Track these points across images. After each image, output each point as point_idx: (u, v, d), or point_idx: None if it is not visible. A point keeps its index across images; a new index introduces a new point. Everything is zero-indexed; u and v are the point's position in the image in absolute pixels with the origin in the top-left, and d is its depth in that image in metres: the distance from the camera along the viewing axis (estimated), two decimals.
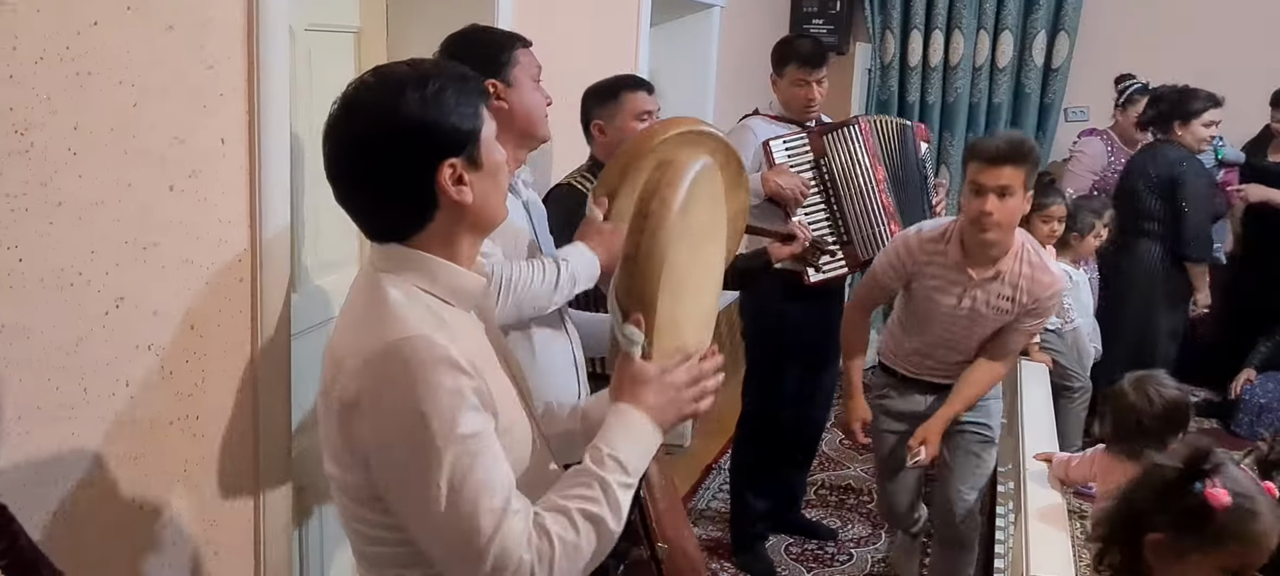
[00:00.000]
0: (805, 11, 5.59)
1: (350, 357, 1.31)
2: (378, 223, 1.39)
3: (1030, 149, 2.72)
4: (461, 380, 1.28)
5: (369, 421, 1.28)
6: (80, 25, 1.55)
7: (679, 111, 4.34)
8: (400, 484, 1.30)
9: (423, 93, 1.32)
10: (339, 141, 1.35)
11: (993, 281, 2.84)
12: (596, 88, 2.86)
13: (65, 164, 1.56)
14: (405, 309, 1.32)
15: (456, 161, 1.34)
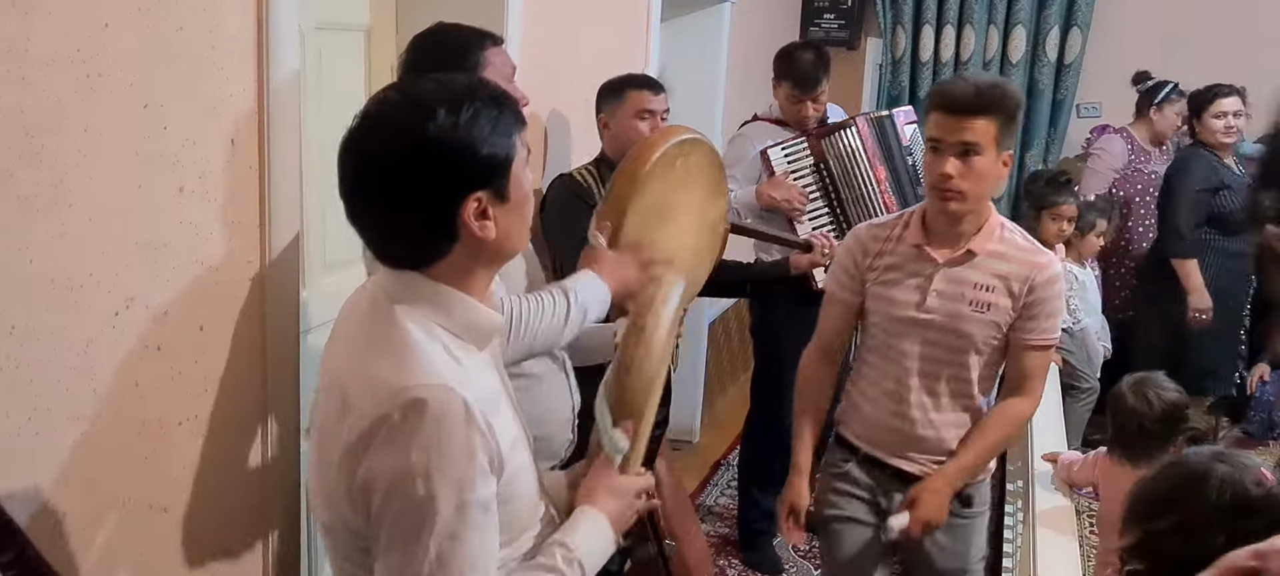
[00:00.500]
0: (816, 7, 5.58)
1: (364, 395, 1.24)
2: (390, 248, 1.31)
3: (1003, 96, 2.13)
4: (477, 441, 1.23)
5: (374, 465, 1.22)
6: (91, 28, 1.56)
7: (688, 108, 4.35)
8: (390, 534, 1.24)
9: (456, 118, 1.23)
10: (358, 159, 1.26)
11: (963, 265, 2.22)
12: (606, 84, 2.88)
13: (76, 166, 1.57)
14: (426, 350, 1.25)
15: (483, 195, 1.26)
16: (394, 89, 1.32)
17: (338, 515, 1.31)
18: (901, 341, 2.28)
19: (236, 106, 1.86)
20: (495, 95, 1.30)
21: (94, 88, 1.58)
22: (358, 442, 1.23)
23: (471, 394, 1.24)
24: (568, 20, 3.11)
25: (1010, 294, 2.20)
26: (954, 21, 5.50)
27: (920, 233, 2.26)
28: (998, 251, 2.22)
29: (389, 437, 1.21)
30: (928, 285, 2.24)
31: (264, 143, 1.93)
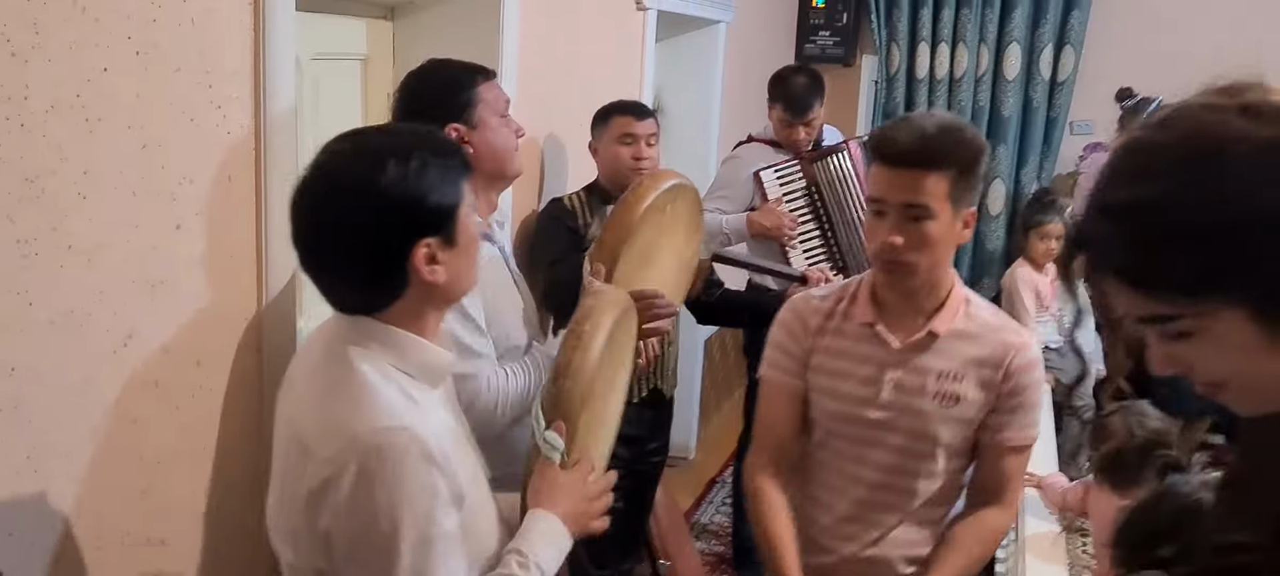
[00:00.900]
0: (811, 24, 5.61)
1: (324, 441, 1.27)
2: (344, 295, 1.35)
3: (958, 143, 1.72)
4: (437, 476, 1.27)
5: (340, 508, 1.26)
6: (90, 72, 1.58)
7: (683, 128, 4.39)
8: (361, 574, 1.28)
9: (406, 168, 1.27)
10: (310, 209, 1.31)
11: (924, 350, 1.83)
12: (597, 110, 2.92)
13: (75, 208, 1.59)
14: (378, 391, 1.28)
15: (432, 242, 1.31)
16: (344, 140, 1.36)
17: (302, 557, 1.34)
18: (851, 446, 1.88)
19: (233, 142, 1.88)
20: (442, 145, 1.36)
21: (93, 131, 1.60)
22: (320, 488, 1.26)
23: (429, 431, 1.27)
24: (563, 45, 3.14)
25: (982, 383, 1.81)
26: (948, 39, 5.53)
27: (870, 308, 1.86)
28: (964, 331, 1.83)
29: (351, 483, 1.24)
30: (881, 376, 1.84)
31: (261, 177, 1.96)
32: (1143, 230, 0.85)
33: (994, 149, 5.55)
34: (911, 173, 1.70)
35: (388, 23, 2.70)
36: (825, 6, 5.58)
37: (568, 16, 3.16)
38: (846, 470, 1.89)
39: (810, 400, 1.91)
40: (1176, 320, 0.87)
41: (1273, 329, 0.84)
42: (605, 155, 2.84)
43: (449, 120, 2.04)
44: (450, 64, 2.14)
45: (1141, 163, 0.88)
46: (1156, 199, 0.84)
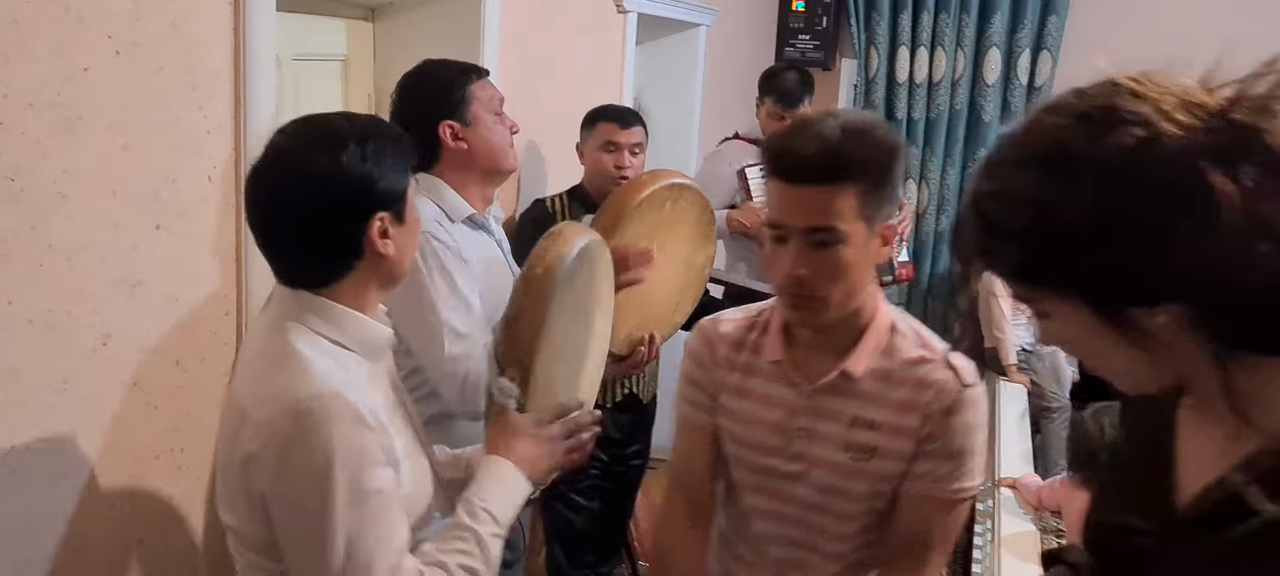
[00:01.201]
0: (791, 28, 5.63)
1: (256, 409, 1.31)
2: (298, 269, 1.39)
3: (867, 148, 1.41)
4: (368, 436, 1.31)
5: (274, 474, 1.29)
6: (70, 71, 1.58)
7: (663, 130, 4.40)
8: (300, 536, 1.32)
9: (364, 149, 1.35)
10: (272, 187, 1.36)
11: (839, 394, 1.53)
12: (589, 112, 2.93)
13: (54, 207, 1.59)
14: (312, 362, 1.32)
15: (386, 216, 1.38)
16: (301, 124, 1.41)
17: (242, 519, 1.38)
18: (764, 499, 1.60)
19: (214, 142, 1.89)
20: (395, 134, 1.43)
21: (73, 130, 1.60)
22: (256, 453, 1.31)
23: (360, 397, 1.32)
24: (544, 47, 3.15)
25: (903, 431, 1.51)
26: (927, 43, 5.56)
27: (780, 344, 1.58)
28: (884, 369, 1.52)
29: (284, 447, 1.28)
30: (790, 422, 1.55)
31: (241, 177, 1.95)
32: (990, 222, 0.90)
33: (975, 153, 5.58)
34: (814, 190, 1.39)
35: (368, 24, 2.71)
36: (805, 10, 5.59)
37: (548, 18, 3.16)
38: (761, 526, 1.62)
39: (720, 441, 1.65)
40: (1034, 301, 0.93)
41: (1114, 323, 0.87)
42: (589, 160, 2.85)
43: (443, 117, 2.08)
44: (446, 63, 2.17)
45: (1000, 156, 0.92)
46: (999, 193, 0.90)
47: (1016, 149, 0.90)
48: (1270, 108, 0.83)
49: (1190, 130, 0.82)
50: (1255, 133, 0.81)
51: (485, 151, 2.12)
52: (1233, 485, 0.88)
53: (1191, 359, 0.88)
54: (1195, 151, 0.81)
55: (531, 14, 3.03)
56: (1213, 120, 0.83)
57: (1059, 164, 0.85)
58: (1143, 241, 0.82)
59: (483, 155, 2.12)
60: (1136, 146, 0.82)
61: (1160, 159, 0.82)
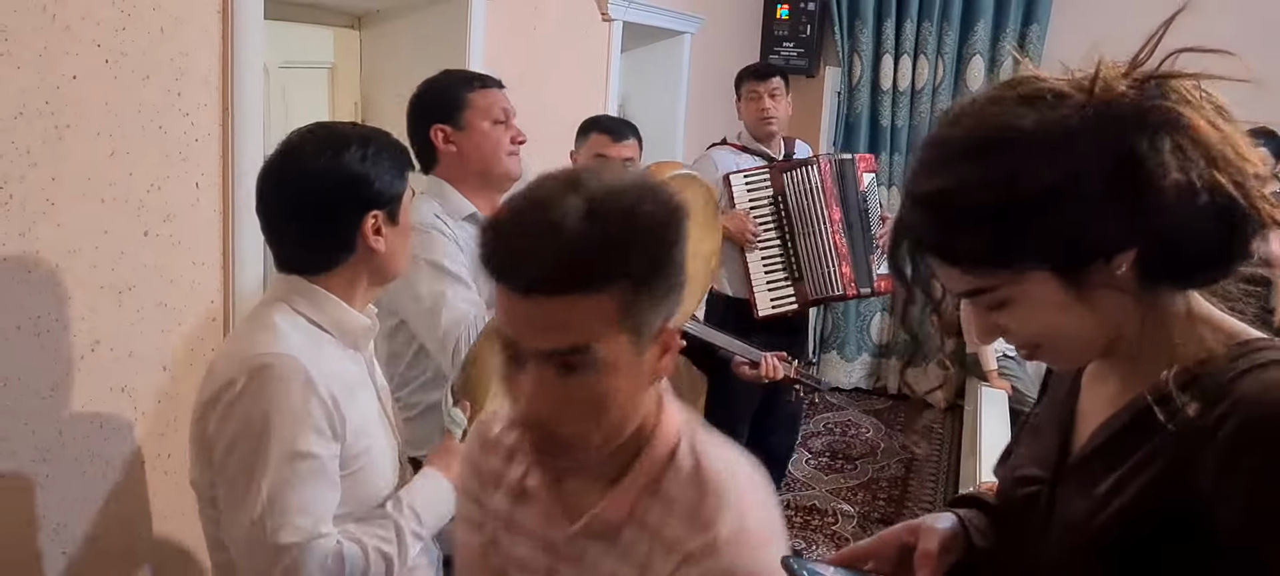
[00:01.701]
0: (776, 36, 5.67)
1: (221, 365, 1.44)
2: (295, 255, 1.52)
3: (623, 235, 0.97)
4: (313, 403, 1.41)
5: (220, 418, 1.41)
6: (59, 80, 1.60)
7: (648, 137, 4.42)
8: (229, 482, 1.42)
9: (364, 151, 1.49)
10: (280, 178, 1.49)
11: (598, 539, 1.11)
12: (584, 121, 2.95)
13: (43, 214, 1.60)
14: (282, 331, 1.45)
15: (380, 215, 1.50)
16: (312, 127, 1.54)
17: (199, 472, 1.49)
18: None
19: (201, 149, 1.90)
20: (393, 142, 1.56)
21: (62, 137, 1.61)
22: (210, 400, 1.42)
23: (318, 370, 1.43)
24: (530, 54, 3.17)
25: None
26: (910, 51, 5.60)
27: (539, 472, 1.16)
28: (650, 521, 1.09)
29: (235, 396, 1.40)
30: (555, 568, 1.15)
31: (228, 184, 1.97)
32: (947, 214, 0.94)
33: None
34: (550, 300, 0.96)
35: (355, 32, 2.72)
36: (789, 18, 5.64)
37: (534, 26, 3.19)
38: None
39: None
40: (993, 291, 0.97)
41: (1077, 285, 0.94)
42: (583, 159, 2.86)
43: (435, 121, 2.16)
44: (454, 73, 2.28)
45: (939, 155, 0.96)
46: (954, 186, 0.93)
47: (960, 143, 0.95)
48: (1172, 73, 0.96)
49: (1123, 95, 0.92)
50: (1168, 77, 0.94)
51: (475, 156, 2.17)
52: (1139, 404, 0.99)
53: (1128, 308, 0.97)
54: (1131, 110, 0.91)
55: (517, 21, 3.05)
56: (1135, 88, 0.94)
57: (1010, 143, 0.92)
58: (1109, 193, 0.89)
59: (473, 159, 2.17)
60: (1086, 108, 0.91)
61: (1104, 120, 0.91)
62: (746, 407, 3.64)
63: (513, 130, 2.25)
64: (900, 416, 5.72)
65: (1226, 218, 0.90)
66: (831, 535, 4.28)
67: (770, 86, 3.56)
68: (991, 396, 4.06)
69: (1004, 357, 4.25)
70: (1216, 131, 0.91)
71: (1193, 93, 0.94)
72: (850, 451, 5.15)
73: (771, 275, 3.42)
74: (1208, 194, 0.89)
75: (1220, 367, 0.93)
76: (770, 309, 3.44)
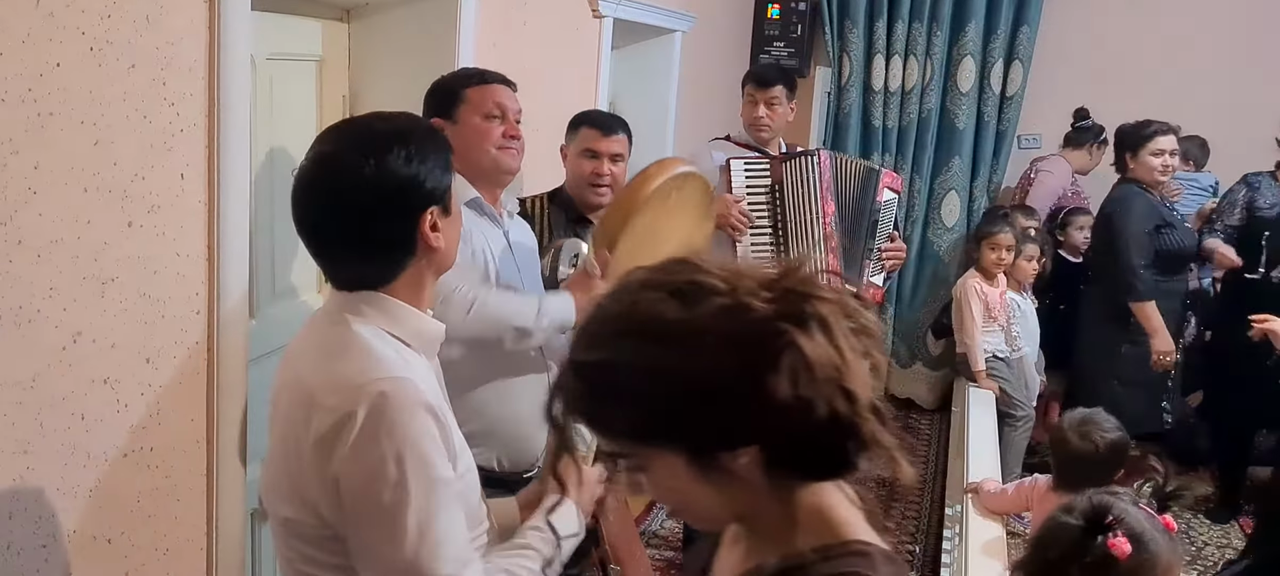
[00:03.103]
0: (767, 35, 5.67)
1: (328, 394, 1.35)
2: (354, 272, 1.45)
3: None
4: (434, 426, 1.36)
5: (348, 457, 1.33)
6: (42, 67, 1.58)
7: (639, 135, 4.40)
8: (370, 521, 1.35)
9: (407, 150, 1.41)
10: (323, 194, 1.41)
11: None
12: (576, 115, 2.92)
13: (25, 203, 1.58)
14: (380, 350, 1.39)
15: (435, 210, 1.44)
16: (342, 129, 1.47)
17: (306, 508, 1.39)
18: None
19: (187, 140, 1.88)
20: (430, 129, 1.52)
21: (44, 126, 1.59)
22: (329, 433, 1.34)
23: (425, 387, 1.38)
24: (520, 50, 3.16)
25: None
26: (901, 52, 5.61)
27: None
28: None
29: (360, 428, 1.32)
30: None
31: (214, 175, 1.95)
32: (596, 387, 1.00)
33: (947, 161, 5.64)
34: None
35: (344, 25, 2.71)
36: (780, 18, 5.64)
37: (525, 22, 3.17)
38: None
39: None
40: (630, 457, 1.03)
41: (703, 469, 0.98)
42: (570, 164, 2.85)
43: (435, 115, 2.23)
44: (464, 70, 2.34)
45: (596, 330, 1.01)
46: (603, 362, 0.99)
47: (617, 322, 1.00)
48: (810, 279, 0.97)
49: (763, 299, 0.95)
50: (806, 298, 0.95)
51: (462, 149, 2.14)
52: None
53: (753, 492, 1.00)
54: (770, 315, 0.94)
55: (508, 17, 3.04)
56: (775, 291, 0.96)
57: (658, 332, 0.96)
58: (733, 394, 0.94)
59: (460, 152, 2.14)
60: (723, 313, 0.95)
61: (744, 323, 0.94)
62: None
63: (506, 125, 2.28)
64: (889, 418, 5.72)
65: (843, 431, 0.95)
66: None
67: (768, 94, 3.53)
68: (979, 396, 4.06)
69: (993, 359, 4.25)
70: (833, 356, 0.93)
71: (830, 310, 0.96)
72: None
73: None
74: (826, 408, 0.93)
75: (804, 565, 0.99)
76: None
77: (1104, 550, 1.72)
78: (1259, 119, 5.14)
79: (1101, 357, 4.28)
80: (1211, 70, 5.35)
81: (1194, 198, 4.99)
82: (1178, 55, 5.40)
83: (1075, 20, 5.58)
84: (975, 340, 4.21)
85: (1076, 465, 2.70)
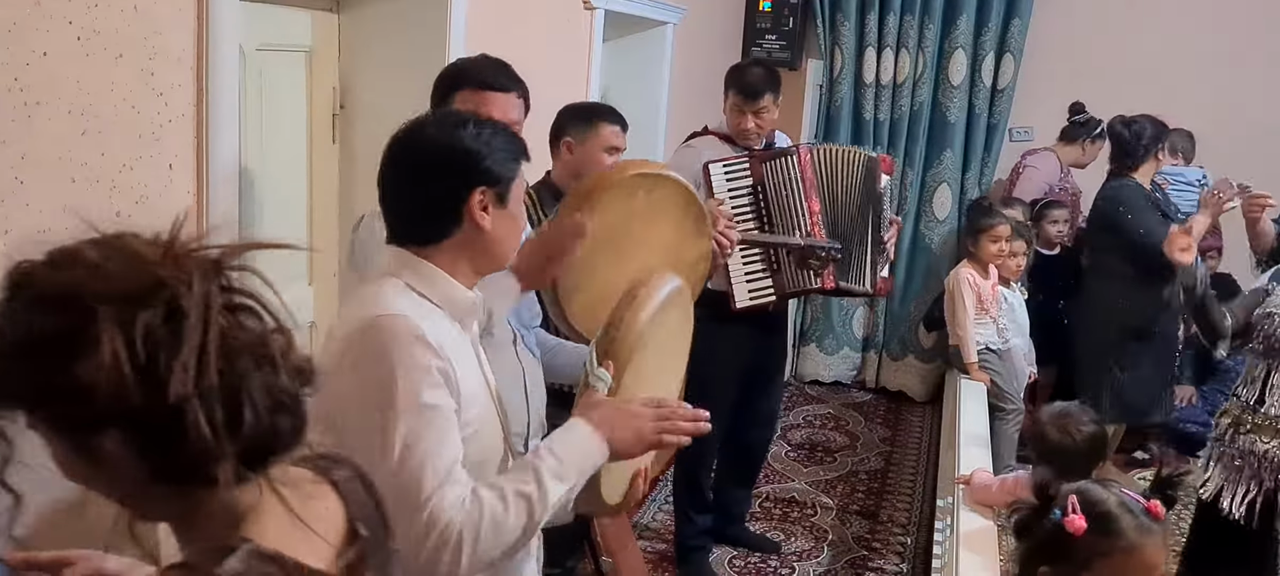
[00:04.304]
0: (758, 28, 5.66)
1: (336, 330, 1.50)
2: (406, 223, 1.56)
3: None
4: (429, 357, 1.44)
5: (344, 382, 1.44)
6: (29, 57, 1.57)
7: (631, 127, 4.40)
8: (361, 439, 1.42)
9: (480, 130, 1.54)
10: (398, 149, 1.55)
11: None
12: (575, 107, 2.89)
13: (12, 193, 1.58)
14: (392, 296, 1.49)
15: (488, 192, 1.53)
16: (436, 110, 1.65)
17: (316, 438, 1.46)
18: None
19: (175, 131, 1.87)
20: (510, 132, 1.61)
21: (32, 115, 1.59)
22: (329, 363, 1.46)
23: (427, 327, 1.46)
24: (511, 42, 3.15)
25: None
26: (892, 45, 5.61)
27: None
28: None
29: (354, 356, 1.45)
30: None
31: (202, 165, 1.95)
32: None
33: (939, 154, 5.64)
34: None
35: (333, 15, 2.69)
36: (771, 10, 5.63)
37: (516, 13, 3.16)
38: None
39: None
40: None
41: (70, 442, 0.93)
42: (584, 156, 2.79)
43: (438, 105, 2.17)
44: (483, 62, 2.30)
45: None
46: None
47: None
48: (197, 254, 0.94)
49: (125, 277, 0.91)
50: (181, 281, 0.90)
51: None
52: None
53: (132, 482, 0.93)
54: (133, 293, 0.89)
55: (498, 8, 3.03)
56: (152, 267, 0.93)
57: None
58: (57, 371, 0.87)
59: None
60: (80, 275, 0.91)
61: (67, 295, 0.89)
62: (723, 402, 3.61)
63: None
64: (881, 410, 5.74)
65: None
66: (810, 527, 4.29)
67: (756, 106, 3.41)
68: (971, 388, 4.07)
69: (985, 351, 4.26)
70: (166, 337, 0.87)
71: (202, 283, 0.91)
72: (830, 444, 5.16)
73: (749, 267, 3.38)
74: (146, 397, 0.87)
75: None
76: (748, 301, 3.40)
77: (1057, 527, 1.71)
78: (1246, 113, 5.16)
79: (1103, 348, 4.30)
80: (1199, 63, 5.37)
81: (1179, 191, 4.99)
82: (1167, 48, 5.41)
83: (1066, 13, 5.59)
84: (968, 332, 4.22)
85: (1056, 458, 2.71)
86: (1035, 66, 5.54)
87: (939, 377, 5.58)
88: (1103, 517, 1.72)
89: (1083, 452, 2.68)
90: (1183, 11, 5.45)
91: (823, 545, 4.15)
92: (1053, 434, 2.73)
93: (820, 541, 4.18)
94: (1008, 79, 5.54)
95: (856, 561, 4.04)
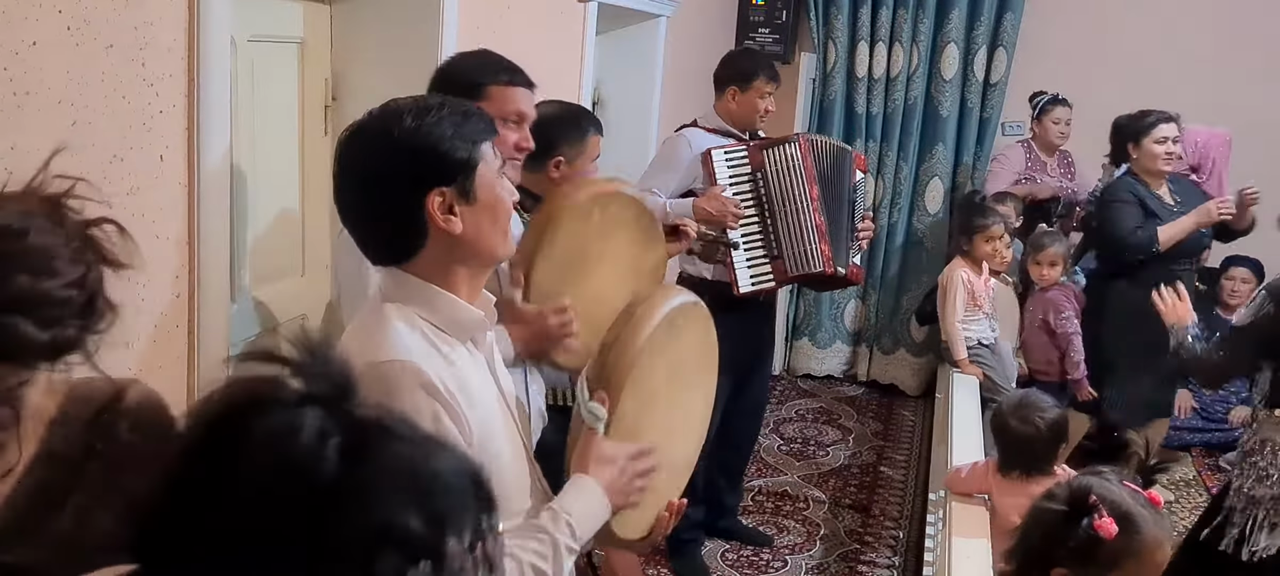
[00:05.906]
0: (751, 21, 5.65)
1: None
2: (371, 245, 1.44)
3: None
4: (431, 407, 1.34)
5: None
6: (18, 46, 1.55)
7: (623, 121, 4.41)
8: None
9: (420, 121, 1.35)
10: (340, 164, 1.41)
11: None
12: (562, 118, 2.66)
13: (1, 184, 1.56)
14: (403, 335, 1.38)
15: (447, 191, 1.37)
16: (383, 103, 1.44)
17: None
18: None
19: (166, 121, 1.86)
20: (462, 106, 1.43)
21: (21, 105, 1.57)
22: None
23: (437, 372, 1.36)
24: (503, 34, 3.14)
25: None
26: (886, 38, 5.61)
27: None
28: None
29: None
30: None
31: (193, 157, 1.93)
32: None
33: (932, 148, 5.65)
34: None
35: (326, 7, 2.68)
36: (765, 4, 5.63)
37: (508, 5, 3.15)
38: None
39: None
40: None
41: None
42: (571, 174, 2.63)
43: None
44: (485, 57, 2.27)
45: None
46: None
47: None
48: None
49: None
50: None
51: None
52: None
53: None
54: None
55: (491, 1, 3.02)
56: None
57: None
58: None
59: None
60: None
61: None
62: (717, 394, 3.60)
63: (521, 134, 2.18)
64: (873, 404, 5.75)
65: None
66: (803, 520, 4.29)
67: (776, 87, 3.61)
68: (963, 383, 4.07)
69: (978, 345, 4.26)
70: None
71: None
72: (822, 438, 5.17)
73: (750, 252, 3.41)
74: None
75: None
76: (750, 286, 3.42)
77: (1090, 532, 1.72)
78: (1241, 108, 5.16)
79: (1106, 346, 4.33)
80: (1193, 57, 5.37)
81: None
82: (1161, 42, 5.42)
83: (1059, 7, 5.59)
84: (955, 330, 4.23)
85: (1018, 447, 2.73)
86: (1028, 61, 5.54)
87: (931, 371, 5.59)
88: (1125, 517, 1.73)
89: (1044, 439, 2.70)
90: (1175, 6, 5.46)
91: (815, 538, 4.16)
92: (1014, 423, 2.74)
93: (812, 535, 4.19)
94: (1000, 73, 5.55)
95: (849, 555, 4.05)
